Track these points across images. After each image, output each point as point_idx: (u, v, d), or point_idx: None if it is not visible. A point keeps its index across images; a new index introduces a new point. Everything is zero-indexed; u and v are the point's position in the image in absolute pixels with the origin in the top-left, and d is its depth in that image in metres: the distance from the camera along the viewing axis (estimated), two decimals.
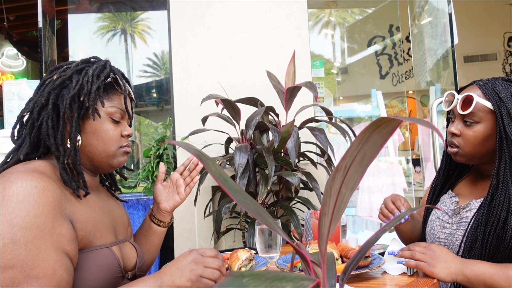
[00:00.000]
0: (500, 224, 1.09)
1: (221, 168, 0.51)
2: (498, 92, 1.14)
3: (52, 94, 0.95)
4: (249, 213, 0.49)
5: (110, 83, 1.01)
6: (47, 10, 2.61)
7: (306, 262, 0.52)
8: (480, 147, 1.18)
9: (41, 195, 0.82)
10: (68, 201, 0.90)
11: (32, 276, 0.78)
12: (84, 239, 0.91)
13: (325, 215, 0.49)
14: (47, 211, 0.83)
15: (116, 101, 1.02)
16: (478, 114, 1.17)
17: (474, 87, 1.21)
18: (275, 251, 1.31)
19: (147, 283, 0.89)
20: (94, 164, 1.01)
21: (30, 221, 0.80)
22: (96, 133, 0.98)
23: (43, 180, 0.84)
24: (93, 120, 0.97)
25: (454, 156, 1.24)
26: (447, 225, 1.24)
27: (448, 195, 1.31)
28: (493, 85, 1.17)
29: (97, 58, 1.05)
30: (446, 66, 2.92)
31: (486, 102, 1.16)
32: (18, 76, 5.46)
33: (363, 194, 3.29)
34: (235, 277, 0.35)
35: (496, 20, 5.37)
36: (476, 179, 1.29)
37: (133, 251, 1.09)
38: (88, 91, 0.95)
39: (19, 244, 0.78)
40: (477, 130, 1.17)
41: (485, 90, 1.17)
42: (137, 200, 2.36)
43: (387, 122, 0.43)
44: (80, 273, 0.89)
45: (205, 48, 2.32)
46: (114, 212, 1.09)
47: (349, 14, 5.37)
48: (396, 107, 5.42)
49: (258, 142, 1.92)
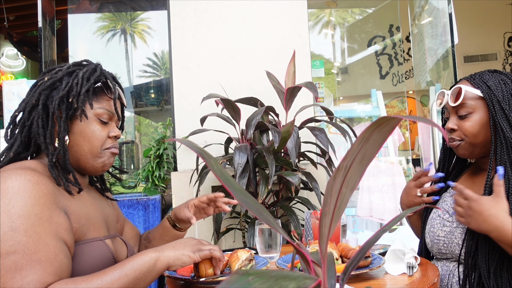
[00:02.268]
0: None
1: (223, 167, 0.51)
2: (485, 80, 1.19)
3: (43, 94, 0.98)
4: (251, 212, 0.49)
5: (100, 86, 1.04)
6: (47, 10, 2.61)
7: (307, 261, 0.52)
8: (479, 136, 1.20)
9: (35, 187, 0.85)
10: (62, 195, 0.93)
11: (35, 260, 0.80)
12: (78, 232, 0.93)
13: (325, 214, 0.49)
14: (43, 202, 0.85)
15: (105, 102, 1.04)
16: (470, 104, 1.20)
17: (462, 81, 1.26)
18: (275, 251, 1.31)
19: (145, 252, 0.93)
20: (80, 165, 1.02)
21: (27, 209, 0.82)
22: (83, 134, 1.00)
23: (36, 175, 0.87)
24: (81, 121, 0.99)
25: (457, 151, 1.25)
26: (447, 223, 1.24)
27: (449, 193, 1.31)
28: (480, 75, 1.22)
29: (88, 61, 1.07)
30: (446, 66, 2.92)
31: (475, 90, 1.19)
32: (18, 76, 5.46)
33: (363, 194, 3.29)
34: (241, 275, 0.35)
35: (496, 20, 5.37)
36: (475, 175, 1.30)
37: (123, 246, 1.12)
38: (77, 92, 0.98)
39: (18, 231, 0.80)
40: (473, 120, 1.20)
41: (473, 81, 1.22)
42: (137, 200, 2.36)
43: (387, 121, 0.43)
44: (75, 265, 0.91)
45: (205, 48, 2.32)
46: (105, 209, 1.12)
47: (349, 14, 5.37)
48: (396, 107, 5.42)
49: (258, 142, 1.92)
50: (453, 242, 1.20)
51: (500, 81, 1.19)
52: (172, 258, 0.94)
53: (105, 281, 0.85)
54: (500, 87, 1.17)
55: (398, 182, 3.27)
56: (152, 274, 0.91)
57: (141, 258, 0.91)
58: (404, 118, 0.42)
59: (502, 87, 1.17)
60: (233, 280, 0.35)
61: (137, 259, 0.91)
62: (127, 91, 4.26)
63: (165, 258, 0.94)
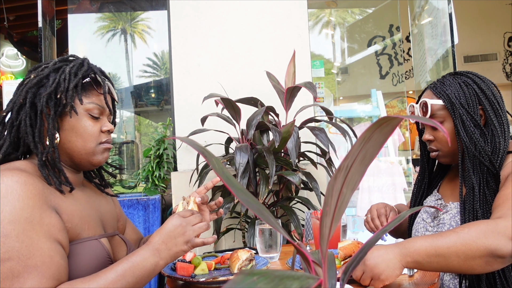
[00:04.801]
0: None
1: (224, 166, 0.51)
2: (445, 89, 1.19)
3: (30, 93, 0.96)
4: (251, 212, 0.49)
5: (88, 81, 1.01)
6: (47, 10, 2.61)
7: (307, 261, 0.52)
8: (454, 143, 1.20)
9: (23, 189, 0.83)
10: (52, 194, 0.91)
11: (31, 265, 0.79)
12: (71, 231, 0.92)
13: (326, 214, 0.49)
14: (33, 203, 0.84)
15: (94, 97, 1.01)
16: (439, 114, 1.20)
17: (427, 92, 1.26)
18: (275, 251, 1.31)
19: (145, 257, 0.91)
20: (74, 161, 1.01)
21: (17, 214, 0.81)
22: (74, 130, 0.98)
23: (24, 175, 0.85)
24: (70, 117, 0.97)
25: (439, 159, 1.27)
26: (429, 228, 1.25)
27: (434, 197, 1.32)
28: (441, 83, 1.22)
29: (75, 56, 1.04)
30: (446, 66, 2.92)
31: (438, 100, 1.20)
32: (18, 76, 5.46)
33: (363, 194, 3.29)
34: (246, 275, 0.36)
35: (496, 20, 5.38)
36: (455, 177, 1.30)
37: (122, 245, 1.10)
38: (65, 88, 0.95)
39: (10, 237, 0.79)
40: (445, 129, 1.20)
41: (435, 90, 1.22)
42: (137, 200, 2.36)
43: (388, 121, 0.43)
44: (70, 265, 0.90)
45: (205, 48, 2.32)
46: (102, 207, 1.09)
47: (349, 14, 5.37)
48: (396, 107, 5.42)
49: (258, 142, 1.92)
50: None
51: (461, 84, 1.18)
52: (169, 260, 0.95)
53: (106, 285, 0.85)
54: (462, 91, 1.17)
55: (398, 182, 3.27)
56: (150, 277, 0.93)
57: (142, 265, 0.90)
58: (405, 118, 0.42)
59: (464, 90, 1.17)
60: (238, 280, 0.35)
61: (138, 266, 0.90)
62: (127, 91, 4.26)
63: (163, 261, 0.94)
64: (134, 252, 0.93)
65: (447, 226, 1.19)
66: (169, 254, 0.94)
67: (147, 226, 2.36)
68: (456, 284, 1.18)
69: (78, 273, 0.90)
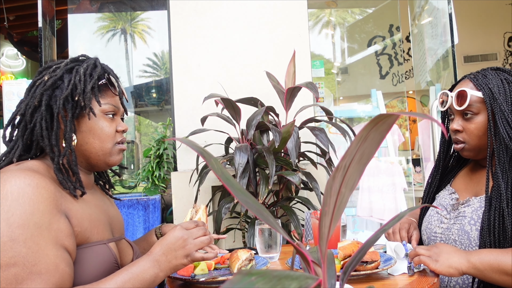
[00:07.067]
0: (501, 220, 1.10)
1: (223, 167, 0.51)
2: (488, 82, 1.18)
3: (45, 95, 0.94)
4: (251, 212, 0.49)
5: (104, 83, 1.01)
6: (47, 10, 2.61)
7: (307, 261, 0.52)
8: (484, 138, 1.19)
9: (35, 192, 0.83)
10: (63, 197, 0.90)
11: (35, 272, 0.79)
12: (80, 235, 0.91)
13: (325, 214, 0.49)
14: (43, 208, 0.83)
15: (109, 98, 1.02)
16: (475, 106, 1.19)
17: (466, 81, 1.24)
18: (275, 251, 1.31)
19: (144, 268, 0.91)
20: (90, 162, 1.01)
21: (26, 218, 0.80)
22: (92, 131, 0.98)
23: (36, 178, 0.84)
24: (89, 119, 0.97)
25: (462, 152, 1.25)
26: (445, 220, 1.25)
27: (447, 191, 1.32)
28: (483, 76, 1.20)
29: (86, 56, 1.04)
30: (446, 66, 2.92)
31: (478, 92, 1.18)
32: (18, 76, 5.46)
33: (363, 194, 3.29)
34: (244, 275, 0.36)
35: (496, 20, 5.37)
36: (473, 172, 1.30)
37: (129, 249, 1.10)
38: (82, 90, 0.95)
39: (18, 241, 0.79)
40: (478, 122, 1.19)
41: (476, 81, 1.20)
42: (137, 200, 2.36)
43: (384, 119, 0.43)
44: (77, 269, 0.89)
45: (205, 48, 2.32)
46: (110, 211, 1.09)
47: (349, 14, 5.37)
48: (396, 107, 5.42)
49: (258, 142, 1.92)
50: (450, 239, 1.21)
51: (503, 80, 1.18)
52: (168, 272, 0.95)
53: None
54: (503, 87, 1.16)
55: (398, 182, 3.27)
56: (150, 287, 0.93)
57: (142, 277, 0.90)
58: (401, 114, 0.42)
59: (506, 87, 1.16)
60: (236, 280, 0.35)
61: (138, 278, 0.90)
62: (127, 91, 4.24)
63: (163, 273, 0.94)
64: (134, 263, 0.92)
65: (468, 219, 1.19)
66: (169, 267, 0.94)
67: (147, 226, 2.36)
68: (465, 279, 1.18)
69: (85, 278, 0.89)
